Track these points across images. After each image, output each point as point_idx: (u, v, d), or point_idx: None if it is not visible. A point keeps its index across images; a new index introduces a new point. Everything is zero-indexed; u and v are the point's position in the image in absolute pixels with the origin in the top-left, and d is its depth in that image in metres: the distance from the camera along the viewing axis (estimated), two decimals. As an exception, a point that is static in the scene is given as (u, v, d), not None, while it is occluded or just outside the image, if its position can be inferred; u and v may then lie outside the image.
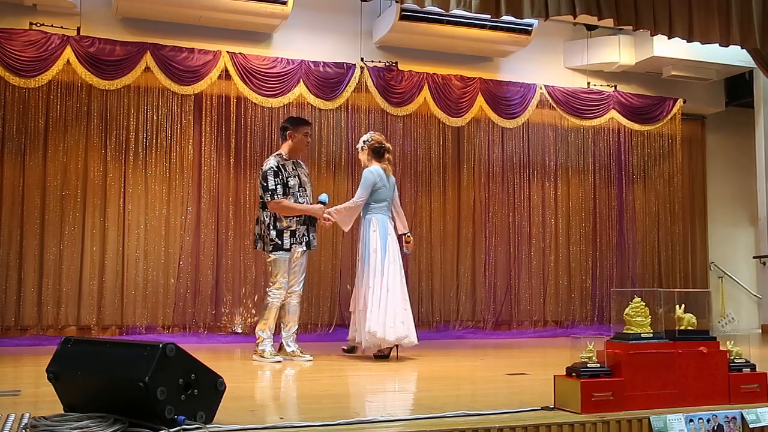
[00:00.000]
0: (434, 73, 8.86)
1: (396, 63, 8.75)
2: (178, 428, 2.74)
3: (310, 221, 6.14)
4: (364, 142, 6.40)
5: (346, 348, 6.53)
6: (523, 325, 9.27)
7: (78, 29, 7.64)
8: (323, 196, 6.19)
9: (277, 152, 6.22)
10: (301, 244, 6.06)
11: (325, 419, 3.06)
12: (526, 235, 9.42)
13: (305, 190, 6.16)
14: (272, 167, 6.00)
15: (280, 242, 5.97)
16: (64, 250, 7.68)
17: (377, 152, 6.32)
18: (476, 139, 9.29)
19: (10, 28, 7.41)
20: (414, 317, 8.64)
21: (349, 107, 8.69)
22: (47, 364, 3.07)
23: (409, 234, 6.56)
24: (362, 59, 8.59)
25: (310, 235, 6.16)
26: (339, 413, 3.23)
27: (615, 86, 9.75)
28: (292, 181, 6.05)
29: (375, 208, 6.22)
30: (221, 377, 3.00)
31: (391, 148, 6.55)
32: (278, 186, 5.96)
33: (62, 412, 2.99)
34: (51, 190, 7.69)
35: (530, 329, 9.22)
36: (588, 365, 3.34)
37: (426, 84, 8.78)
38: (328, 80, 8.42)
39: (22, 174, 7.63)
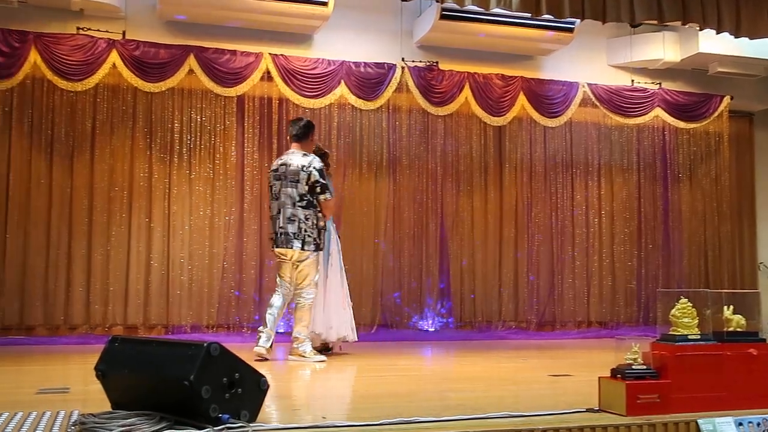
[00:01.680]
0: (475, 73, 8.82)
1: (437, 62, 8.72)
2: (222, 427, 2.77)
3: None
4: None
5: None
6: (567, 326, 9.18)
7: (123, 33, 7.77)
8: None
9: (307, 152, 6.18)
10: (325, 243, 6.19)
11: (367, 419, 3.06)
12: (570, 235, 9.32)
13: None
14: (320, 166, 6.05)
15: (319, 241, 6.02)
16: (111, 251, 7.82)
17: (321, 157, 6.25)
18: (518, 139, 9.23)
19: (58, 33, 7.57)
20: (456, 317, 8.75)
21: (390, 107, 8.70)
22: (95, 363, 3.13)
23: None
24: (403, 59, 8.59)
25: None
26: (381, 413, 3.23)
27: (660, 84, 9.59)
28: (330, 180, 6.24)
29: None
30: (264, 376, 3.02)
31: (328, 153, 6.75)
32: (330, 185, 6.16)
33: (110, 409, 3.04)
34: (98, 191, 7.84)
35: (574, 330, 9.12)
36: (633, 367, 3.29)
37: (467, 83, 8.74)
38: (369, 80, 8.43)
39: (70, 176, 7.79)
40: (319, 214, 6.01)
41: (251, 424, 2.87)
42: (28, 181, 7.66)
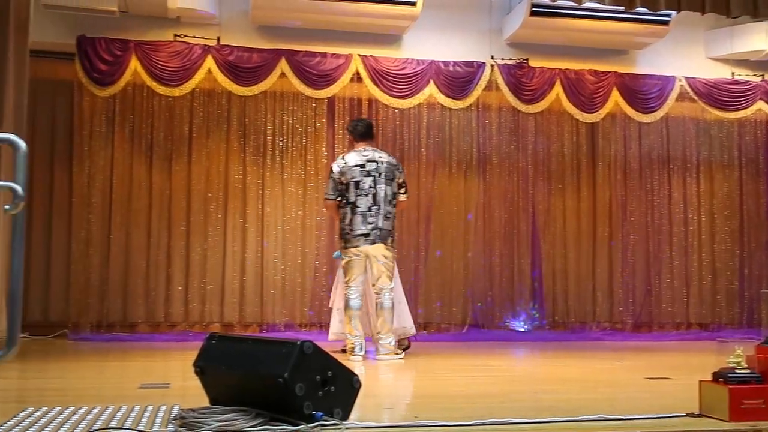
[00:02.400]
0: (566, 69, 8.66)
1: (527, 60, 8.61)
2: (316, 424, 2.81)
3: None
4: None
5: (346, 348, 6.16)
6: (665, 328, 8.91)
7: (218, 39, 7.99)
8: None
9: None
10: None
11: (459, 419, 3.05)
12: (667, 234, 9.04)
13: None
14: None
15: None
16: (208, 251, 8.07)
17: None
18: (612, 135, 9.01)
19: (157, 41, 7.84)
20: (548, 317, 8.62)
21: (480, 106, 8.64)
22: (194, 359, 3.22)
23: None
24: (492, 57, 8.51)
25: None
26: (473, 413, 3.21)
27: (762, 76, 9.17)
28: None
29: None
30: (356, 375, 3.04)
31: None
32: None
33: (208, 404, 3.13)
34: (195, 193, 8.10)
35: (672, 332, 8.85)
36: (737, 371, 3.16)
37: (558, 80, 8.60)
38: (458, 79, 8.40)
39: (169, 178, 8.07)
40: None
41: (344, 422, 2.90)
42: (129, 184, 7.98)
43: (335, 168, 6.09)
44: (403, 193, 6.14)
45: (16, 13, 5.77)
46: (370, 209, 5.97)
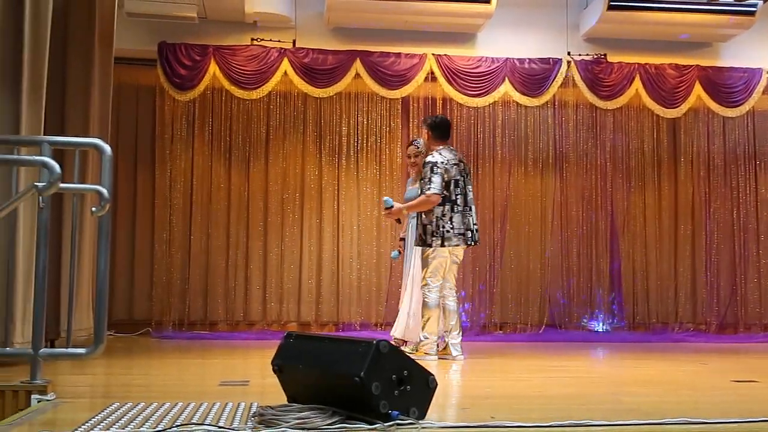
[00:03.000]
0: (646, 63, 8.44)
1: (605, 55, 8.44)
2: (392, 423, 2.81)
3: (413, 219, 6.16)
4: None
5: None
6: (752, 329, 8.60)
7: (294, 42, 8.09)
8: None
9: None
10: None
11: (537, 420, 3.01)
12: (753, 232, 8.73)
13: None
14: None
15: None
16: (285, 251, 8.20)
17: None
18: (694, 131, 8.75)
19: (234, 45, 8.00)
20: (628, 318, 8.43)
21: (556, 103, 8.52)
22: (272, 357, 3.27)
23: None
24: (569, 53, 8.38)
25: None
26: (551, 415, 3.17)
27: None
28: None
29: None
30: (432, 375, 3.04)
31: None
32: None
33: (286, 402, 3.17)
34: (272, 194, 8.24)
35: (760, 333, 8.53)
36: (829, 374, 3.03)
37: (637, 75, 8.40)
38: (534, 77, 8.29)
39: (247, 180, 8.23)
40: None
41: (420, 422, 2.90)
42: (209, 186, 8.17)
43: (440, 162, 5.80)
44: None
45: (101, 24, 5.97)
46: (464, 208, 5.88)
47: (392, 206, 5.94)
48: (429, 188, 5.74)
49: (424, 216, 5.82)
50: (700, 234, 8.70)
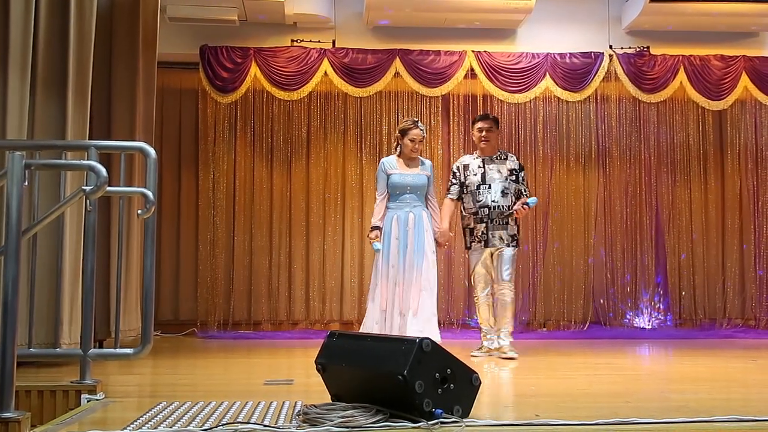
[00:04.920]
0: (690, 55, 8.29)
1: (648, 47, 8.31)
2: (435, 421, 2.81)
3: (490, 220, 5.97)
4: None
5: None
6: (804, 325, 8.40)
7: (333, 42, 8.13)
8: (531, 200, 5.97)
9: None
10: (480, 242, 5.99)
11: (582, 418, 2.99)
12: (805, 225, 8.53)
13: (489, 188, 5.99)
14: (453, 168, 6.25)
15: (467, 241, 6.13)
16: (327, 250, 8.24)
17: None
18: (741, 123, 8.58)
19: (275, 47, 8.06)
20: (674, 314, 8.29)
21: (598, 97, 8.42)
22: (315, 356, 3.29)
23: None
24: (611, 47, 8.27)
25: (489, 234, 5.96)
26: (597, 413, 3.14)
27: None
28: (471, 180, 6.05)
29: None
30: (476, 372, 3.03)
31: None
32: (452, 187, 6.14)
33: (330, 401, 3.20)
34: (314, 194, 8.29)
35: (811, 328, 8.34)
36: None
37: (682, 67, 8.25)
38: (575, 71, 8.20)
39: (288, 180, 8.30)
40: (463, 214, 6.15)
41: (464, 420, 2.90)
42: (251, 187, 8.25)
43: None
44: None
45: (144, 29, 6.07)
46: None
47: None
48: (527, 191, 6.09)
49: (517, 218, 6.04)
50: (748, 228, 8.53)
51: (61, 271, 4.41)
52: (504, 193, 5.97)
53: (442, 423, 2.82)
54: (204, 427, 2.87)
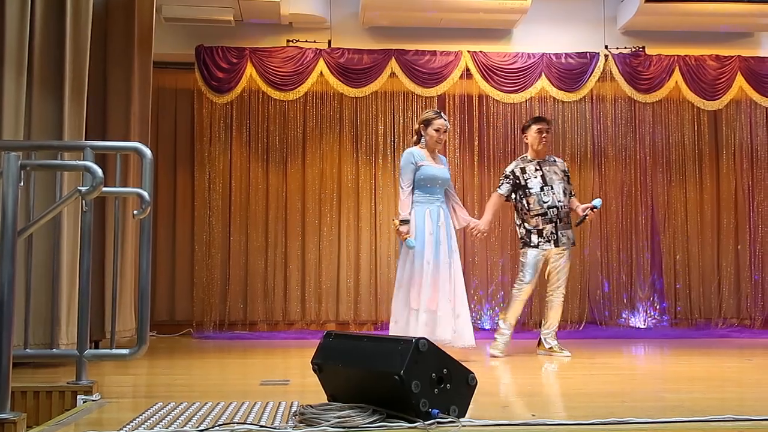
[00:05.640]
0: (686, 55, 8.31)
1: (643, 48, 8.33)
2: (432, 421, 2.82)
3: (558, 220, 6.06)
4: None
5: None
6: (799, 325, 8.43)
7: (329, 42, 8.12)
8: (596, 201, 6.13)
9: (522, 155, 6.32)
10: (549, 242, 6.03)
11: (579, 418, 2.99)
12: (799, 225, 8.55)
13: (552, 190, 6.07)
14: (506, 170, 6.24)
15: (528, 240, 6.08)
16: (323, 250, 8.24)
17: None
18: (736, 123, 8.60)
19: (271, 47, 8.05)
20: (670, 314, 8.31)
21: (593, 97, 8.43)
22: (312, 357, 3.29)
23: None
24: (606, 47, 8.29)
25: (559, 233, 6.06)
26: (593, 413, 3.15)
27: None
28: (532, 182, 6.08)
29: None
30: (472, 372, 3.04)
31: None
32: (503, 184, 6.16)
33: (326, 401, 3.20)
34: (310, 194, 8.29)
35: (807, 328, 8.36)
36: None
37: (677, 67, 8.27)
38: (571, 71, 8.21)
39: (284, 180, 8.29)
40: (523, 215, 6.15)
41: (461, 420, 2.90)
42: (247, 187, 8.25)
43: None
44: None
45: (140, 29, 6.06)
46: None
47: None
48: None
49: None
50: (743, 227, 8.55)
51: (57, 272, 4.40)
52: (564, 193, 6.13)
53: (438, 423, 2.82)
54: (200, 428, 2.87)
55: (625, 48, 8.31)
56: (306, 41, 8.08)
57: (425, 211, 5.56)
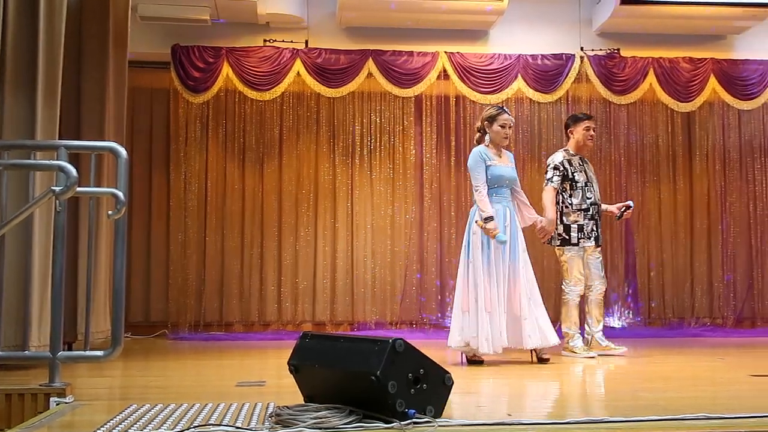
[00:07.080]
0: (660, 57, 8.39)
1: (618, 50, 8.40)
2: (408, 421, 2.82)
3: (599, 217, 6.12)
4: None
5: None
6: (770, 324, 8.53)
7: (306, 42, 8.11)
8: (630, 202, 6.32)
9: (564, 148, 6.31)
10: (589, 239, 6.04)
11: (554, 418, 3.01)
12: (771, 226, 8.66)
13: (592, 187, 6.14)
14: (554, 161, 6.15)
15: (567, 237, 6.04)
16: (300, 251, 8.21)
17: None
18: (709, 124, 8.69)
19: (248, 47, 8.02)
20: (644, 314, 8.38)
21: (569, 99, 8.48)
22: (288, 357, 3.28)
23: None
24: (582, 48, 8.35)
25: (599, 231, 6.12)
26: (569, 412, 3.16)
27: None
28: (579, 177, 6.10)
29: None
30: (449, 373, 3.04)
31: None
32: (554, 176, 6.07)
33: (302, 402, 3.19)
34: (286, 194, 8.26)
35: (778, 327, 8.47)
36: None
37: (651, 69, 8.35)
38: (547, 73, 8.27)
39: (261, 181, 8.26)
40: (565, 210, 6.08)
41: (437, 420, 2.91)
42: (223, 187, 8.20)
43: None
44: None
45: (115, 27, 6.01)
46: None
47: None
48: None
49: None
50: (716, 228, 8.64)
51: (29, 272, 4.35)
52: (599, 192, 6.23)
53: (414, 423, 2.83)
54: (175, 430, 2.85)
55: (601, 50, 8.38)
56: (283, 41, 8.06)
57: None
